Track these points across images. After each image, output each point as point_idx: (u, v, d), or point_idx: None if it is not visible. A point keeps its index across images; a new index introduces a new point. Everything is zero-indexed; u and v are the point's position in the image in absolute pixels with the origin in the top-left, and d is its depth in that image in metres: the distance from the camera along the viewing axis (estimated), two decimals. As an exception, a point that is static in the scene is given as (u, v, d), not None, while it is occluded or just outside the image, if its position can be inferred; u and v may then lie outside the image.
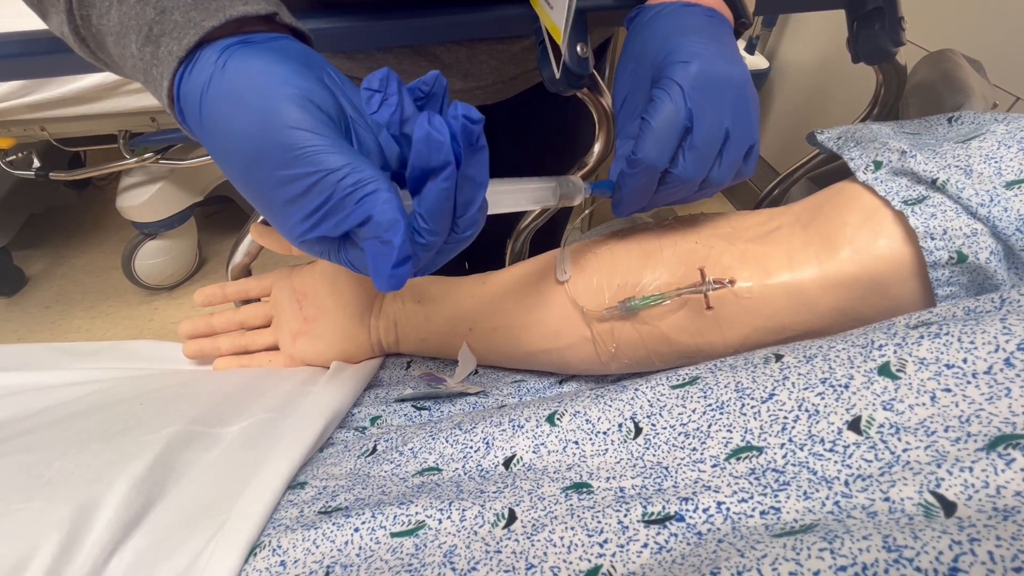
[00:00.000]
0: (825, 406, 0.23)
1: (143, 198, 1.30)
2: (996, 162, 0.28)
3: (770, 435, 0.23)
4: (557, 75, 0.38)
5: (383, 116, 0.22)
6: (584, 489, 0.25)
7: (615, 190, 0.34)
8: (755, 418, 0.24)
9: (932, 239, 0.28)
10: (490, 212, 0.27)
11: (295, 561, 0.24)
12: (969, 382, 0.20)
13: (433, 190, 0.22)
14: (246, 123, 0.22)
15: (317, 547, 0.25)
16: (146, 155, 1.21)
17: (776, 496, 0.21)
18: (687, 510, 0.22)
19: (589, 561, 0.21)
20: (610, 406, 0.28)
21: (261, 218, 0.46)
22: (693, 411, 0.26)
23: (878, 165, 0.32)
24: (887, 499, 0.19)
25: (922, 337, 0.22)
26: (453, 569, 0.22)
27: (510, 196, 0.30)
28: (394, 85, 0.22)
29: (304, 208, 0.23)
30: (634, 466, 0.25)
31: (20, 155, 1.23)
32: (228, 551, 0.24)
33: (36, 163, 1.24)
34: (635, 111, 0.33)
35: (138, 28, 0.24)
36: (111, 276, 1.51)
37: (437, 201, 0.23)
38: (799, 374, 0.24)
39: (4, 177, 1.33)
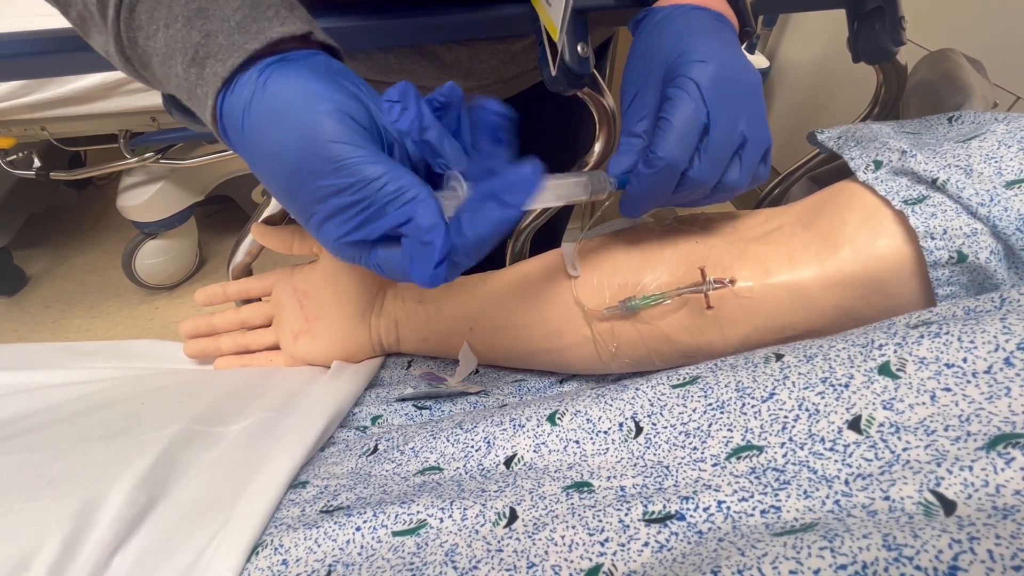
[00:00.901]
0: (825, 405, 0.23)
1: (143, 198, 1.30)
2: (996, 162, 0.29)
3: (770, 434, 0.23)
4: (553, 72, 0.38)
5: (404, 124, 0.23)
6: (585, 488, 0.25)
7: (626, 187, 0.33)
8: (755, 417, 0.24)
9: (932, 239, 0.28)
10: (528, 208, 0.28)
11: (297, 560, 0.24)
12: (969, 381, 0.20)
13: (491, 219, 0.23)
14: (287, 138, 0.24)
15: (319, 546, 0.25)
16: (146, 155, 1.21)
17: (776, 495, 0.21)
18: (688, 509, 0.22)
19: (590, 560, 0.21)
20: (611, 405, 0.28)
21: (262, 217, 0.46)
22: (694, 410, 0.26)
23: (878, 165, 0.32)
24: (887, 498, 0.19)
25: (922, 336, 0.23)
26: (455, 568, 0.22)
27: (547, 192, 0.29)
28: (412, 96, 0.23)
29: (343, 216, 0.24)
30: (635, 465, 0.25)
31: (21, 155, 1.23)
32: (231, 550, 0.24)
33: (37, 163, 1.24)
34: (643, 109, 0.33)
35: (184, 50, 0.25)
36: (112, 276, 1.51)
37: (489, 228, 0.23)
38: (799, 373, 0.25)
39: (5, 177, 1.33)
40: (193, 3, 0.25)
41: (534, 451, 0.28)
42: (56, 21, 0.31)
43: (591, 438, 0.28)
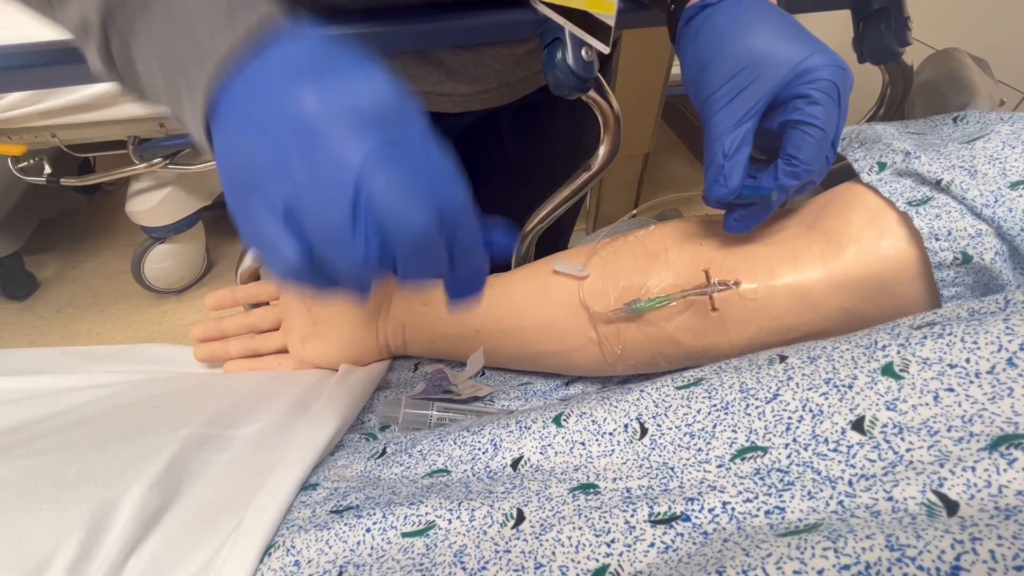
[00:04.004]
0: (829, 406, 0.23)
1: (152, 203, 1.31)
2: (1000, 163, 0.29)
3: (774, 435, 0.23)
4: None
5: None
6: (591, 490, 0.25)
7: (761, 199, 0.32)
8: (759, 418, 0.24)
9: (937, 240, 0.28)
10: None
11: (309, 561, 0.25)
12: (972, 382, 0.21)
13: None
14: None
15: (330, 547, 0.25)
16: (155, 160, 1.22)
17: (781, 496, 0.21)
18: (693, 510, 0.22)
19: (597, 560, 0.21)
20: (616, 407, 0.29)
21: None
22: (698, 412, 0.26)
23: (882, 166, 0.32)
24: (890, 498, 0.19)
25: (925, 337, 0.23)
26: (463, 568, 0.23)
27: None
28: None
29: None
30: (640, 467, 0.26)
31: (31, 161, 1.24)
32: (244, 551, 0.24)
33: (47, 169, 1.25)
34: (745, 106, 0.30)
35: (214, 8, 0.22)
36: (121, 280, 1.53)
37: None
38: (803, 375, 0.25)
39: (16, 183, 1.34)
40: None
41: (540, 453, 0.28)
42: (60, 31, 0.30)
43: (597, 440, 0.28)
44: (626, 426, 0.28)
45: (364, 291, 0.23)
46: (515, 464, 0.29)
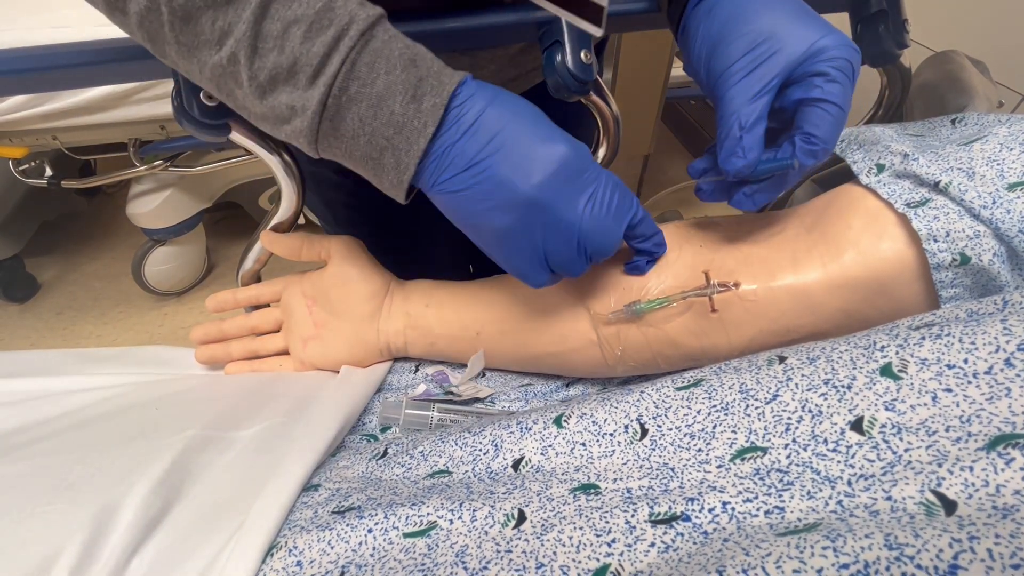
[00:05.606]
0: (828, 407, 0.23)
1: (152, 205, 1.31)
2: (998, 164, 0.29)
3: (774, 435, 0.24)
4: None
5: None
6: (592, 490, 0.25)
7: (775, 174, 0.32)
8: (759, 419, 0.24)
9: (935, 241, 0.29)
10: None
11: (311, 561, 0.25)
12: (970, 382, 0.21)
13: None
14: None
15: (332, 548, 0.25)
16: (155, 162, 1.23)
17: (780, 496, 0.21)
18: (693, 510, 0.22)
19: (598, 560, 0.21)
20: (616, 408, 0.29)
21: (270, 225, 0.46)
22: (698, 412, 0.26)
23: (880, 168, 0.32)
24: (889, 498, 0.19)
25: (923, 338, 0.23)
26: (465, 568, 0.23)
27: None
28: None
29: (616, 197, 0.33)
30: (640, 467, 0.26)
31: (33, 164, 1.25)
32: (246, 552, 0.25)
33: (48, 172, 1.25)
34: (761, 82, 0.30)
35: (404, 91, 0.29)
36: (122, 282, 1.53)
37: None
38: (802, 375, 0.25)
39: (17, 186, 1.35)
40: (405, 54, 0.29)
41: (541, 454, 0.29)
42: (63, 35, 0.31)
43: (597, 440, 0.28)
44: (626, 427, 0.28)
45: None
46: (516, 465, 0.29)
